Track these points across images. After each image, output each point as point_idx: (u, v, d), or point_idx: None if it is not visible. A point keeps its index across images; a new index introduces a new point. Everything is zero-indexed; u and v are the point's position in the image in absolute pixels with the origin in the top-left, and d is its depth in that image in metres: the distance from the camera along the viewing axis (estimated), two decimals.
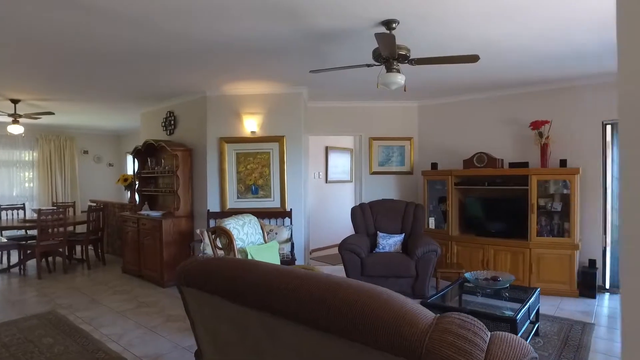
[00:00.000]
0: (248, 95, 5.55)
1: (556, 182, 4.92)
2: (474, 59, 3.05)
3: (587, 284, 4.71)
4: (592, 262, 4.85)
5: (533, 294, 3.36)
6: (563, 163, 4.86)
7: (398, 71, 3.20)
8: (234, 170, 5.62)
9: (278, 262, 3.81)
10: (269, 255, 3.68)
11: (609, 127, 4.93)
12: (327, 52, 3.84)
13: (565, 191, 4.86)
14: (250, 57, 4.05)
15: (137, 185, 6.31)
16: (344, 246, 4.86)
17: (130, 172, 8.93)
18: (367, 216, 5.51)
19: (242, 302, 1.42)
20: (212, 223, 5.47)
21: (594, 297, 4.68)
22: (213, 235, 3.56)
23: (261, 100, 5.56)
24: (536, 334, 3.55)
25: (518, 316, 2.87)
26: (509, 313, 3.04)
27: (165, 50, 3.79)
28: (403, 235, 5.30)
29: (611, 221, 4.94)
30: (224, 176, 5.59)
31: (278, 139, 5.53)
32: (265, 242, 3.94)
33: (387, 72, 3.19)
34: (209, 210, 5.57)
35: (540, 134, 4.97)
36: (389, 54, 3.01)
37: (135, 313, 4.28)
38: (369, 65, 3.31)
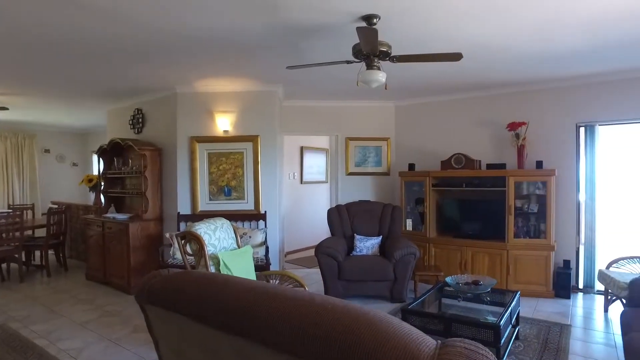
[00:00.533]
0: (221, 93, 5.33)
1: (533, 184, 4.93)
2: (456, 57, 2.96)
3: (562, 285, 4.74)
4: (567, 263, 4.89)
5: (514, 298, 3.31)
6: (539, 164, 4.88)
7: (379, 68, 3.07)
8: (206, 171, 5.38)
9: (252, 268, 3.62)
10: (243, 261, 3.49)
11: (582, 129, 4.97)
12: (305, 48, 3.68)
13: (541, 192, 4.87)
14: (225, 52, 3.84)
15: (102, 187, 5.98)
16: (321, 250, 4.71)
17: (96, 172, 8.50)
18: (344, 218, 5.38)
19: (212, 324, 1.24)
20: (182, 226, 5.22)
21: (569, 298, 4.72)
22: (183, 241, 3.34)
23: (235, 98, 5.35)
24: (516, 337, 3.50)
25: (501, 322, 2.79)
26: (491, 319, 2.97)
27: (135, 43, 3.54)
28: (380, 237, 5.20)
29: (584, 222, 4.98)
30: (195, 177, 5.35)
31: (252, 139, 5.33)
32: (239, 247, 3.74)
33: (368, 69, 3.06)
34: (179, 212, 5.32)
35: (517, 136, 4.97)
36: (370, 50, 2.88)
37: (98, 324, 3.99)
38: (348, 62, 3.17)
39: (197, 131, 5.35)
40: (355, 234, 5.25)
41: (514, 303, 3.23)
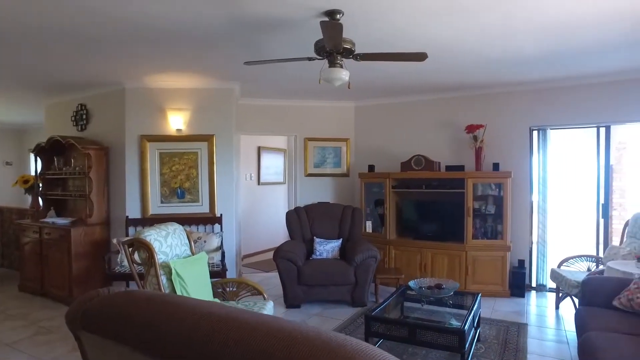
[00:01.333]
0: (174, 89, 5.03)
1: (490, 185, 5.01)
2: (421, 57, 2.90)
3: (517, 284, 4.86)
4: (521, 262, 5.02)
5: (476, 301, 3.30)
6: (496, 166, 4.97)
7: (341, 66, 2.96)
8: (157, 171, 5.07)
9: (207, 276, 3.40)
10: (197, 269, 3.26)
11: (535, 133, 5.13)
12: (264, 43, 3.50)
13: (497, 194, 4.96)
14: (178, 45, 3.58)
15: (40, 188, 5.47)
16: (280, 254, 4.54)
17: (34, 172, 7.81)
18: (303, 221, 5.24)
19: (160, 356, 1.06)
20: (131, 231, 4.88)
21: (524, 296, 4.85)
22: (130, 249, 3.06)
23: (188, 95, 5.07)
24: (478, 339, 3.50)
25: (465, 327, 2.76)
26: (455, 323, 2.94)
27: (78, 30, 3.20)
28: (341, 240, 5.10)
29: (537, 222, 5.14)
30: (145, 178, 5.02)
31: (207, 138, 5.08)
32: (193, 254, 3.50)
33: (330, 67, 2.94)
34: (128, 216, 4.97)
35: (475, 138, 5.04)
36: (333, 47, 2.76)
37: (31, 343, 3.57)
38: (310, 59, 3.04)
39: (147, 129, 5.02)
40: (314, 237, 5.13)
41: (475, 306, 3.23)
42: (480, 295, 3.51)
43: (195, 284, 3.14)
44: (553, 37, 3.37)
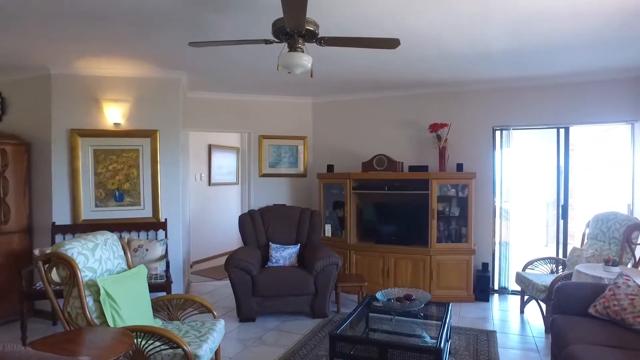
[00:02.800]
0: (110, 78, 4.44)
1: (454, 187, 4.83)
2: (393, 43, 2.59)
3: (482, 288, 4.73)
4: (485, 266, 4.88)
5: (448, 313, 3.04)
6: (459, 167, 4.81)
7: (303, 51, 2.59)
8: (91, 171, 4.47)
9: (146, 293, 2.91)
10: (133, 286, 2.77)
11: (498, 133, 5.02)
12: (214, 25, 3.06)
13: (460, 195, 4.80)
14: (114, 24, 3.05)
15: None
16: (232, 263, 4.11)
17: None
18: (258, 225, 4.82)
19: None
20: (59, 239, 4.24)
21: (488, 300, 4.72)
22: (46, 266, 2.51)
23: (128, 85, 4.50)
24: (449, 352, 3.26)
25: (441, 345, 2.48)
26: (429, 340, 2.66)
27: None
28: (298, 246, 4.74)
29: (500, 224, 5.03)
30: (76, 179, 4.40)
31: (150, 134, 4.54)
32: (130, 267, 3.00)
33: (290, 51, 2.56)
34: (54, 223, 4.32)
35: (439, 137, 4.84)
36: (294, 27, 2.38)
37: None
38: (267, 42, 2.63)
39: (79, 123, 4.40)
40: (270, 243, 4.73)
41: (448, 319, 2.97)
42: (451, 305, 3.26)
43: (130, 305, 2.65)
44: (522, 30, 3.19)
